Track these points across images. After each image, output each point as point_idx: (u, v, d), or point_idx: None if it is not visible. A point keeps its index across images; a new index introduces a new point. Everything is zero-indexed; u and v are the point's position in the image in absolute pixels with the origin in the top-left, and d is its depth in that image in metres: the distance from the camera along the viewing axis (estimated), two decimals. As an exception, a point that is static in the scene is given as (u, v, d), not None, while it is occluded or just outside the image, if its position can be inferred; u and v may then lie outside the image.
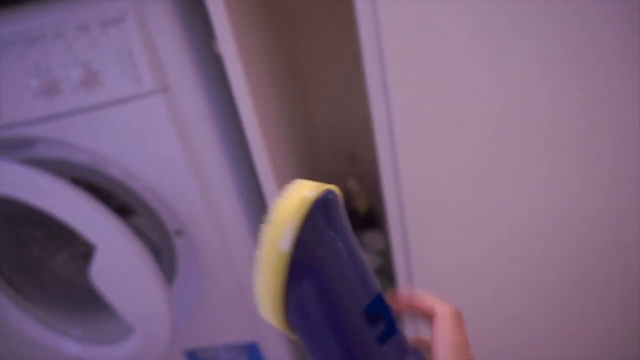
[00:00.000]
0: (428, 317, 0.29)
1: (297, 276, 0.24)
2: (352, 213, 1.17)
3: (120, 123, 0.68)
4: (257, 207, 0.84)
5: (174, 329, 0.77)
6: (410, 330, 0.85)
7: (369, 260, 1.07)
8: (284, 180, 0.76)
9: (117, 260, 0.70)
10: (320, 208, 0.25)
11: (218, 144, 0.73)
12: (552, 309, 0.79)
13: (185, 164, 0.70)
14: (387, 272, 1.06)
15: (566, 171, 0.65)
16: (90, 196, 0.68)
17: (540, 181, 0.66)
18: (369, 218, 1.17)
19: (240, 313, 0.85)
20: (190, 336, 0.89)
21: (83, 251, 0.96)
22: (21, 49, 0.63)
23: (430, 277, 0.77)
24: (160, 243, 0.81)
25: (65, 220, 0.68)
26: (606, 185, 0.65)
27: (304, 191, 0.25)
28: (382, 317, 0.26)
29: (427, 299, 0.29)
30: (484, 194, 0.68)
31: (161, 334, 0.76)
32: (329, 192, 0.26)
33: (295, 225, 0.23)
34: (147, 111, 0.67)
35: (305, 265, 0.24)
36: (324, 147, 1.26)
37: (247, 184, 0.81)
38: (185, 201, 0.74)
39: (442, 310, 0.28)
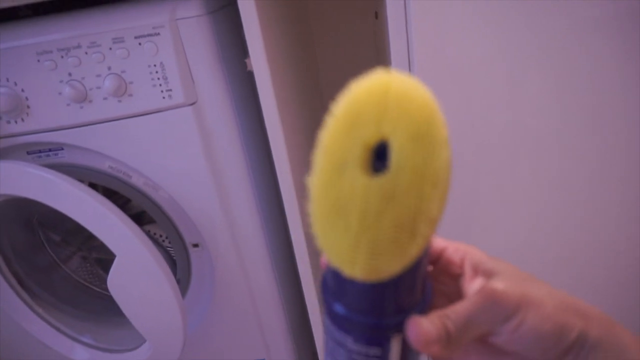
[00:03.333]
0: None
1: None
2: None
3: (147, 134, 0.68)
4: (277, 225, 0.84)
5: (186, 342, 0.76)
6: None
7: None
8: (305, 201, 0.76)
9: (135, 271, 0.70)
10: None
11: (242, 160, 0.73)
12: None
13: (208, 178, 0.71)
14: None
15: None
16: (112, 204, 0.69)
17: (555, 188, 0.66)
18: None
19: (252, 330, 0.85)
20: (199, 349, 0.88)
21: (97, 257, 0.96)
22: (57, 57, 0.64)
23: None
24: (175, 253, 0.81)
25: (88, 228, 0.68)
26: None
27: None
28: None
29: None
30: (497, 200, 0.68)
31: (173, 347, 0.75)
32: None
33: None
34: (174, 124, 0.67)
35: None
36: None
37: (268, 201, 0.81)
38: (205, 214, 0.74)
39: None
